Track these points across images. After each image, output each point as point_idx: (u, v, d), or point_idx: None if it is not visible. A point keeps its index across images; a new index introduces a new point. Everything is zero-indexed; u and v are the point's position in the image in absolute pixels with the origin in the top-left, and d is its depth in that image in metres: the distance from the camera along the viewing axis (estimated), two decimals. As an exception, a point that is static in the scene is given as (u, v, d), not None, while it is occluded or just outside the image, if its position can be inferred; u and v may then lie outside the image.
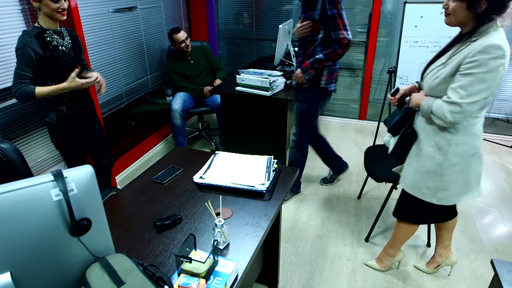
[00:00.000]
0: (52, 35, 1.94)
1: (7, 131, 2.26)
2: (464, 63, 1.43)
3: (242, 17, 4.34)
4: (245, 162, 1.78)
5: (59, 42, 1.96)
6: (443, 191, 1.68)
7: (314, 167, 3.30)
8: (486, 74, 1.39)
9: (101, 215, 0.96)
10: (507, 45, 1.39)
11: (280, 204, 1.55)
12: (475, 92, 1.42)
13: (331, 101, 4.39)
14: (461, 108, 1.45)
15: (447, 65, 1.50)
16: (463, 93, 1.43)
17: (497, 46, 1.37)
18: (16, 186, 0.82)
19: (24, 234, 0.83)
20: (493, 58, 1.37)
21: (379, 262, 2.16)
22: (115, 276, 0.91)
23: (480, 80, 1.40)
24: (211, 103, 3.50)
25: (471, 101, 1.43)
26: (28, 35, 1.85)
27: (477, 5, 1.40)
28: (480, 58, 1.38)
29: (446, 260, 2.08)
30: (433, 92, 1.57)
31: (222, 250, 1.29)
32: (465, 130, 1.56)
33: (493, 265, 1.21)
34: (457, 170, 1.63)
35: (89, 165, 0.94)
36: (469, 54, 1.41)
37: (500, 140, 3.80)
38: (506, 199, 2.84)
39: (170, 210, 1.50)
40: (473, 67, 1.40)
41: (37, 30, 1.90)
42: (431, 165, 1.65)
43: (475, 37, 1.43)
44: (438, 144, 1.61)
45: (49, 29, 1.94)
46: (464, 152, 1.59)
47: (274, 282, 2.04)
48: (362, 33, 3.95)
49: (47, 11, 1.87)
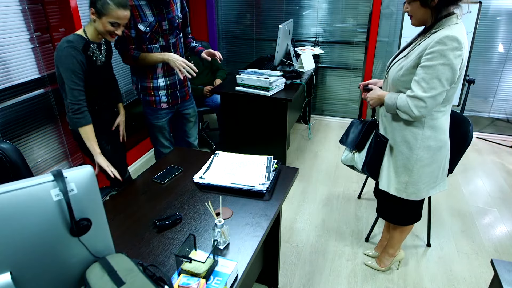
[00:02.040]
0: (95, 49, 1.82)
1: (7, 131, 2.26)
2: (424, 55, 1.48)
3: (242, 17, 4.34)
4: (245, 162, 1.78)
5: (97, 56, 1.85)
6: (413, 186, 1.71)
7: (314, 166, 3.30)
8: (444, 66, 1.44)
9: (101, 215, 0.96)
10: (464, 38, 1.45)
11: (280, 204, 1.55)
12: (436, 85, 1.47)
13: (331, 101, 4.39)
14: (425, 103, 1.49)
15: (409, 57, 1.55)
16: (425, 86, 1.48)
17: (454, 38, 1.42)
18: (16, 186, 0.82)
19: (24, 234, 0.83)
20: (450, 50, 1.42)
21: (379, 262, 2.16)
22: (115, 276, 0.91)
23: (439, 72, 1.45)
24: (211, 103, 3.50)
25: (433, 94, 1.48)
26: (75, 48, 1.70)
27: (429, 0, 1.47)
28: (437, 49, 1.43)
29: (396, 257, 2.13)
30: (397, 84, 1.61)
31: (222, 250, 1.29)
32: (431, 124, 1.60)
33: (493, 265, 1.21)
34: (424, 165, 1.66)
35: (89, 165, 0.94)
36: (428, 45, 1.46)
37: (500, 140, 3.80)
38: (506, 199, 2.84)
39: (170, 210, 1.50)
40: (432, 59, 1.45)
41: (82, 42, 1.74)
42: (401, 159, 1.68)
43: (435, 29, 1.50)
44: (405, 138, 1.65)
45: (94, 42, 1.81)
46: (430, 146, 1.63)
47: (274, 282, 2.04)
48: (362, 33, 3.96)
49: (101, 29, 1.73)
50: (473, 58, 3.52)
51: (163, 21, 2.16)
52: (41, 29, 2.38)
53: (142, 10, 2.09)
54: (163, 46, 2.21)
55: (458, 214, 2.66)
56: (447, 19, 1.47)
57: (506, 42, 3.55)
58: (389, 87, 1.68)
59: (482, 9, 3.13)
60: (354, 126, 1.95)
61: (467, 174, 3.20)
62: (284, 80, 2.89)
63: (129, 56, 2.15)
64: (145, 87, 2.29)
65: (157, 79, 2.27)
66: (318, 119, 4.45)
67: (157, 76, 2.27)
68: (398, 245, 2.07)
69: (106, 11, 1.67)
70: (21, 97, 2.32)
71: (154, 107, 2.34)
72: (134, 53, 2.14)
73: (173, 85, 2.35)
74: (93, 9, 1.68)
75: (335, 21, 4.00)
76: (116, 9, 1.67)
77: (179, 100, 2.41)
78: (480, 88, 3.77)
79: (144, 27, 2.10)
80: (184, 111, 2.51)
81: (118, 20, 1.70)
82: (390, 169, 1.74)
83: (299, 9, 4.09)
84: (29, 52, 2.32)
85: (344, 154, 2.00)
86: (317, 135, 3.99)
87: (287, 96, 2.73)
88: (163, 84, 2.30)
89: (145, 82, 2.28)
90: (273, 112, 2.84)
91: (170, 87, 2.33)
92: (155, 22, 2.13)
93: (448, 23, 1.47)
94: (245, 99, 2.88)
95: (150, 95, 2.31)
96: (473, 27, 3.14)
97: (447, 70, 1.45)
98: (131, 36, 2.12)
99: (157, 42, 2.18)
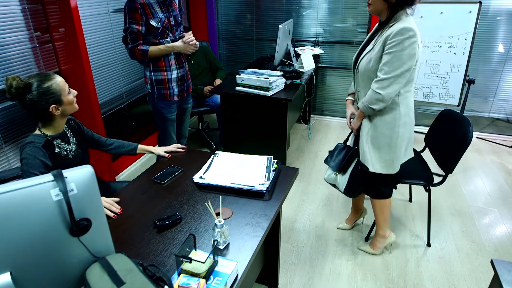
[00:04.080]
0: (60, 143, 1.61)
1: (7, 131, 2.26)
2: (386, 44, 1.74)
3: (242, 17, 4.34)
4: (245, 162, 1.78)
5: (67, 149, 1.64)
6: (397, 160, 1.93)
7: (314, 166, 3.30)
8: (403, 52, 1.71)
9: (101, 215, 0.96)
10: (416, 28, 1.73)
11: (280, 204, 1.55)
12: (398, 65, 1.73)
13: (331, 101, 4.39)
14: (388, 81, 1.75)
15: (375, 49, 1.80)
16: (387, 68, 1.74)
17: (408, 28, 1.69)
18: (16, 186, 0.82)
19: (24, 234, 0.83)
20: (407, 38, 1.69)
21: (373, 246, 2.26)
22: (115, 276, 0.91)
23: (400, 56, 1.71)
24: (211, 103, 3.50)
25: (394, 74, 1.74)
26: (35, 146, 1.50)
27: None
28: (397, 39, 1.70)
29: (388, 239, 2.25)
30: (368, 74, 1.86)
31: (222, 250, 1.29)
32: (404, 103, 1.85)
33: (493, 265, 1.21)
34: (404, 139, 1.90)
35: (89, 165, 0.93)
36: (388, 36, 1.73)
37: (500, 140, 3.80)
38: (506, 199, 2.84)
39: (170, 210, 1.50)
40: (393, 47, 1.72)
41: (42, 140, 1.54)
42: (384, 140, 1.90)
43: (391, 23, 1.77)
44: (385, 121, 1.87)
45: (57, 136, 1.61)
46: (406, 123, 1.88)
47: (274, 282, 2.04)
48: (362, 33, 3.96)
49: (69, 108, 1.58)
50: (473, 58, 3.52)
51: (170, 17, 2.38)
52: (41, 29, 2.38)
53: (153, 7, 2.30)
54: (172, 41, 2.44)
55: (458, 214, 2.66)
56: (400, 13, 1.76)
57: (506, 42, 3.55)
58: (360, 79, 1.92)
59: (482, 9, 3.13)
60: (338, 150, 2.19)
61: (467, 174, 3.20)
62: (284, 80, 2.89)
63: (139, 50, 2.31)
64: (160, 80, 2.47)
65: (171, 71, 2.48)
66: (318, 119, 4.45)
67: (171, 68, 2.47)
68: (384, 224, 2.20)
69: (58, 90, 1.51)
70: (21, 97, 2.32)
71: (168, 100, 2.53)
72: (143, 47, 2.32)
73: (183, 77, 2.58)
74: (53, 105, 1.51)
75: (335, 21, 4.00)
76: (58, 82, 1.53)
77: (185, 93, 2.63)
78: (480, 88, 3.77)
79: (156, 22, 2.31)
80: (184, 106, 2.73)
81: (65, 86, 1.56)
82: (373, 152, 1.94)
83: (299, 9, 4.09)
84: (29, 52, 2.32)
85: (327, 173, 2.21)
86: (317, 135, 3.99)
87: (287, 96, 2.73)
88: (176, 76, 2.51)
89: (159, 75, 2.45)
90: (273, 112, 2.84)
91: (181, 79, 2.55)
92: (165, 18, 2.35)
93: (401, 18, 1.75)
94: (245, 99, 2.88)
95: (165, 88, 2.49)
96: (473, 27, 3.14)
97: (405, 55, 1.71)
98: (141, 32, 2.29)
99: (167, 36, 2.40)
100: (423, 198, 2.82)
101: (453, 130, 2.19)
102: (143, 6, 2.25)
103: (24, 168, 1.46)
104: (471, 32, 3.17)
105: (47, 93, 1.49)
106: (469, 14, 3.14)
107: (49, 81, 1.50)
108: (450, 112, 2.31)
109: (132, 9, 2.23)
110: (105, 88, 2.96)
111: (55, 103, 1.51)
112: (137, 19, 2.25)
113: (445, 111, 2.35)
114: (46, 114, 1.53)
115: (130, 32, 2.27)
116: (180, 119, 2.77)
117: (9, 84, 1.44)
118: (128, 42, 2.30)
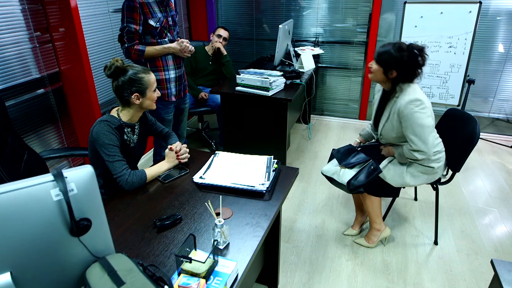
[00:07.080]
0: (128, 132, 1.78)
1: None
2: (401, 117, 1.89)
3: (242, 17, 4.34)
4: (245, 162, 1.78)
5: (131, 139, 1.80)
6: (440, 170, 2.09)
7: (314, 166, 3.30)
8: (419, 120, 1.85)
9: (101, 215, 0.96)
10: (422, 94, 1.87)
11: (280, 204, 1.55)
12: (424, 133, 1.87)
13: (331, 101, 4.39)
14: (424, 152, 1.90)
15: (392, 121, 1.97)
16: (418, 139, 1.88)
17: (414, 100, 1.84)
18: (16, 186, 0.82)
19: (24, 234, 0.83)
20: (417, 108, 1.84)
21: (368, 240, 2.31)
22: (115, 276, 0.91)
23: (420, 127, 1.86)
24: (211, 103, 3.49)
25: (425, 143, 1.87)
26: (109, 126, 1.65)
27: (389, 72, 1.90)
28: (408, 112, 1.86)
29: (382, 233, 2.29)
30: (392, 137, 2.04)
31: (222, 250, 1.29)
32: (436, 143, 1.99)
33: (493, 265, 1.21)
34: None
35: (89, 165, 0.93)
36: (400, 110, 1.88)
37: (500, 140, 3.80)
38: (506, 199, 2.84)
39: (170, 210, 1.50)
40: (408, 120, 1.87)
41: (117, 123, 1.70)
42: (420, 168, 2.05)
43: (396, 95, 1.94)
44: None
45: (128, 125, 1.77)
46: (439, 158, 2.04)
47: (274, 282, 2.04)
48: (362, 33, 3.95)
49: (149, 104, 1.75)
50: (473, 58, 3.52)
51: (168, 17, 2.38)
52: (41, 29, 2.38)
53: (151, 7, 2.30)
54: (171, 41, 2.45)
55: (458, 214, 2.66)
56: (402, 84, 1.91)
57: (506, 42, 3.55)
58: (385, 140, 2.13)
59: (482, 9, 3.14)
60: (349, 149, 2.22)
61: (467, 174, 3.20)
62: (284, 80, 2.89)
63: (135, 50, 2.30)
64: (159, 80, 2.44)
65: (169, 71, 2.47)
66: (318, 119, 4.45)
67: (169, 68, 2.47)
68: (378, 218, 2.23)
69: (147, 84, 1.70)
70: (21, 97, 2.32)
71: (166, 101, 2.51)
72: (140, 47, 2.31)
73: (180, 77, 2.58)
74: (136, 94, 1.68)
75: (335, 21, 4.00)
76: (150, 78, 1.72)
77: (182, 93, 2.63)
78: (480, 88, 3.77)
79: (155, 22, 2.31)
80: (182, 106, 2.73)
81: (154, 84, 1.75)
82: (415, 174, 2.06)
83: (299, 9, 4.08)
84: (29, 52, 2.32)
85: (327, 166, 2.22)
86: (317, 135, 3.99)
87: (287, 96, 2.73)
88: (174, 76, 2.51)
89: (157, 75, 2.44)
90: (273, 112, 2.84)
91: (178, 79, 2.55)
92: (163, 17, 2.36)
93: (404, 87, 1.91)
94: (245, 99, 2.88)
95: (163, 88, 2.48)
96: (473, 27, 3.14)
97: (424, 123, 1.85)
98: (139, 32, 2.29)
99: (166, 36, 2.41)
100: (426, 197, 2.82)
101: (459, 129, 2.20)
102: (142, 6, 2.25)
103: (101, 138, 1.62)
104: (471, 32, 3.17)
105: (138, 82, 1.68)
106: (469, 14, 3.15)
107: (144, 74, 1.71)
108: (455, 111, 2.32)
109: (131, 8, 2.22)
110: (105, 88, 2.96)
111: (139, 93, 1.69)
112: (136, 19, 2.24)
113: (450, 110, 2.37)
114: (127, 99, 1.70)
115: (127, 31, 2.26)
116: (178, 119, 2.79)
117: (112, 63, 1.67)
118: (124, 41, 2.29)
